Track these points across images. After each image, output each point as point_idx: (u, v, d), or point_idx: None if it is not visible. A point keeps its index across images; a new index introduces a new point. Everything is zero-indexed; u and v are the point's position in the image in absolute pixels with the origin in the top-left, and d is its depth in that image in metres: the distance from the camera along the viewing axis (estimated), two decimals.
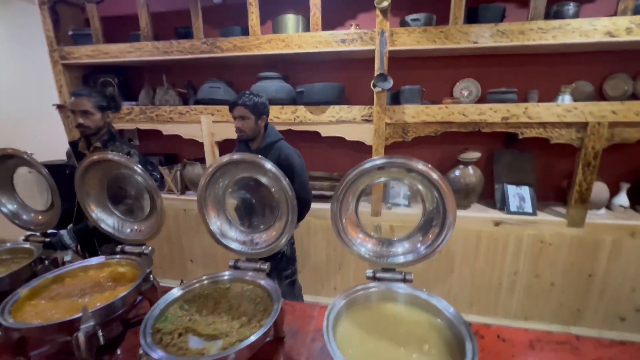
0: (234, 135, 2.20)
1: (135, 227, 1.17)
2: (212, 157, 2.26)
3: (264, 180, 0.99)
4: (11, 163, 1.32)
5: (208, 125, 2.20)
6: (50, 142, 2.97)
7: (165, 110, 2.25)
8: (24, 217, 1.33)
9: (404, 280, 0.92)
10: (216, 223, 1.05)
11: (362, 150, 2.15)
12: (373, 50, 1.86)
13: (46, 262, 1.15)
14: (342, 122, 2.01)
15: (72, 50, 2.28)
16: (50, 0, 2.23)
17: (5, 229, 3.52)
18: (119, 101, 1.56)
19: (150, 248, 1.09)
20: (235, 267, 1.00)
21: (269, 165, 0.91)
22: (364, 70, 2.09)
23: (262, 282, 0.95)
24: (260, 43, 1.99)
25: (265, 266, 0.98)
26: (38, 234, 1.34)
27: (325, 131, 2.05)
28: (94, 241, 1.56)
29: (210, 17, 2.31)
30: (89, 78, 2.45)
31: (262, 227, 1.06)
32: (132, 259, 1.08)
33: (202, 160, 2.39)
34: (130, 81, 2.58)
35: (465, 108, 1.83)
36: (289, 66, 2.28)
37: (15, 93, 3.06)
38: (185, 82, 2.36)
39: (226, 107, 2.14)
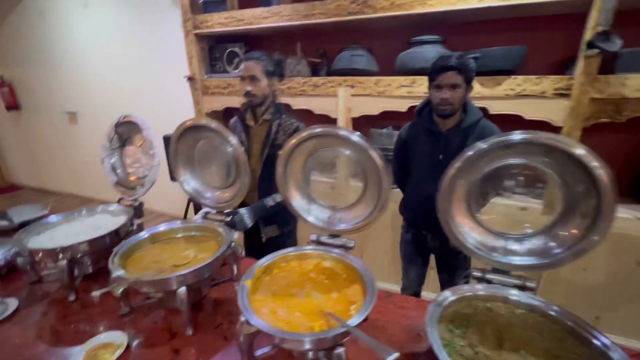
0: (374, 111, 1.95)
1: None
2: None
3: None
4: (192, 137, 1.22)
5: (345, 100, 1.97)
6: (177, 117, 3.05)
7: (298, 82, 2.06)
8: (207, 194, 1.25)
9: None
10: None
11: None
12: (576, 2, 1.41)
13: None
14: (522, 96, 1.62)
15: (205, 19, 2.19)
16: None
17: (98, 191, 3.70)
18: (284, 67, 1.43)
19: None
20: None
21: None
22: (548, 31, 1.64)
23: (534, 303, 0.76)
24: None
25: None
26: (214, 211, 1.27)
27: (497, 107, 1.68)
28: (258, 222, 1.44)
29: None
30: (216, 49, 2.36)
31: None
32: None
33: None
34: None
35: None
36: (445, 29, 1.90)
37: (147, 66, 3.15)
38: (320, 50, 2.13)
39: (368, 79, 1.89)
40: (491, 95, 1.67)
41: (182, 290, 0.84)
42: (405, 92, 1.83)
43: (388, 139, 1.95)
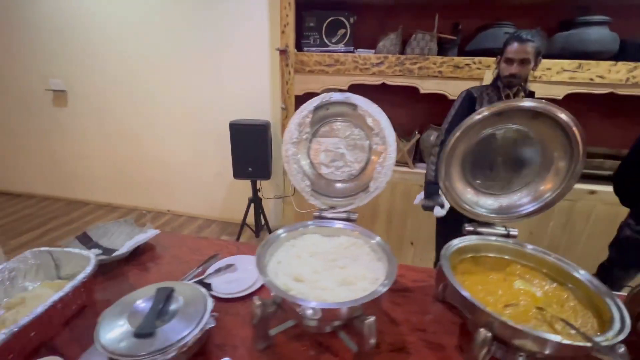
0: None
1: None
2: None
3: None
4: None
5: None
6: (242, 102, 2.50)
7: (435, 61, 1.77)
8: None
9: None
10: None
11: None
12: None
13: None
14: None
15: None
16: None
17: None
18: (543, 48, 1.33)
19: None
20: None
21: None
22: None
23: None
24: None
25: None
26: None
27: None
28: None
29: None
30: (310, 17, 1.93)
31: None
32: None
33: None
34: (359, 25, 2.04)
35: None
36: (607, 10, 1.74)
37: (186, 31, 2.46)
38: (456, 25, 1.85)
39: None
40: None
41: None
42: (567, 78, 1.67)
43: None
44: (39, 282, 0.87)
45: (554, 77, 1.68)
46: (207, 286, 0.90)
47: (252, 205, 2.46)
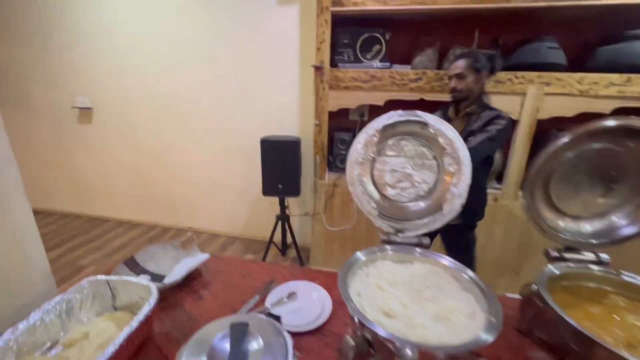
0: (568, 112, 1.66)
1: None
2: (528, 139, 1.77)
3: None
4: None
5: (536, 98, 1.71)
6: (275, 118, 2.49)
7: None
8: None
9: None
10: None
11: None
12: None
13: None
14: None
15: None
16: None
17: None
18: (497, 62, 1.43)
19: None
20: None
21: None
22: None
23: None
24: None
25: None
26: None
27: None
28: None
29: None
30: (344, 33, 1.92)
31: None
32: None
33: None
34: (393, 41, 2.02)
35: None
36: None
37: (216, 48, 2.48)
38: (497, 41, 1.82)
39: (571, 75, 1.65)
40: None
41: None
42: (615, 92, 1.62)
43: None
44: (94, 312, 0.81)
45: (602, 92, 1.63)
46: (277, 319, 0.83)
47: (279, 222, 2.40)
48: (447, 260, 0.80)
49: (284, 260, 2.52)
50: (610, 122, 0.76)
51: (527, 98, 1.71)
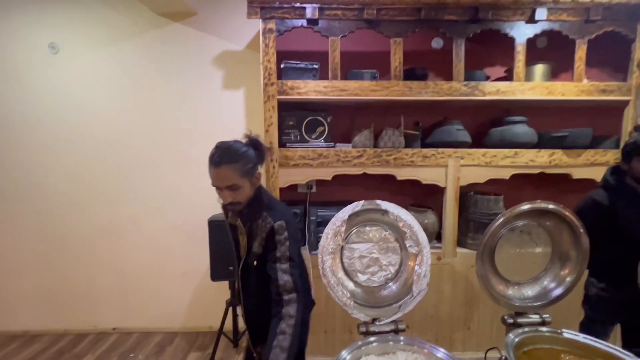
0: (480, 179, 2.04)
1: None
2: (455, 203, 2.06)
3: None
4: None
5: (455, 169, 2.04)
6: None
7: (407, 153, 2.02)
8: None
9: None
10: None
11: None
12: (627, 101, 2.03)
13: None
14: (595, 164, 2.07)
15: (297, 85, 1.95)
16: (281, 30, 1.93)
17: None
18: (263, 149, 1.13)
19: None
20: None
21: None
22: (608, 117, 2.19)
23: None
24: (524, 89, 2.00)
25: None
26: None
27: (579, 174, 2.08)
28: None
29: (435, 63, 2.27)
30: (290, 116, 2.09)
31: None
32: None
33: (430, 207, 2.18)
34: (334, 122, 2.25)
35: None
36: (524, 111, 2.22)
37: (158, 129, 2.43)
38: (418, 124, 2.18)
39: (477, 150, 2.05)
40: (574, 164, 2.07)
41: None
42: (509, 163, 2.05)
43: (495, 204, 2.10)
44: None
45: (500, 162, 2.05)
46: None
47: (230, 309, 2.17)
48: (431, 348, 0.83)
49: (237, 354, 2.22)
50: (525, 206, 0.96)
51: (448, 169, 2.04)
